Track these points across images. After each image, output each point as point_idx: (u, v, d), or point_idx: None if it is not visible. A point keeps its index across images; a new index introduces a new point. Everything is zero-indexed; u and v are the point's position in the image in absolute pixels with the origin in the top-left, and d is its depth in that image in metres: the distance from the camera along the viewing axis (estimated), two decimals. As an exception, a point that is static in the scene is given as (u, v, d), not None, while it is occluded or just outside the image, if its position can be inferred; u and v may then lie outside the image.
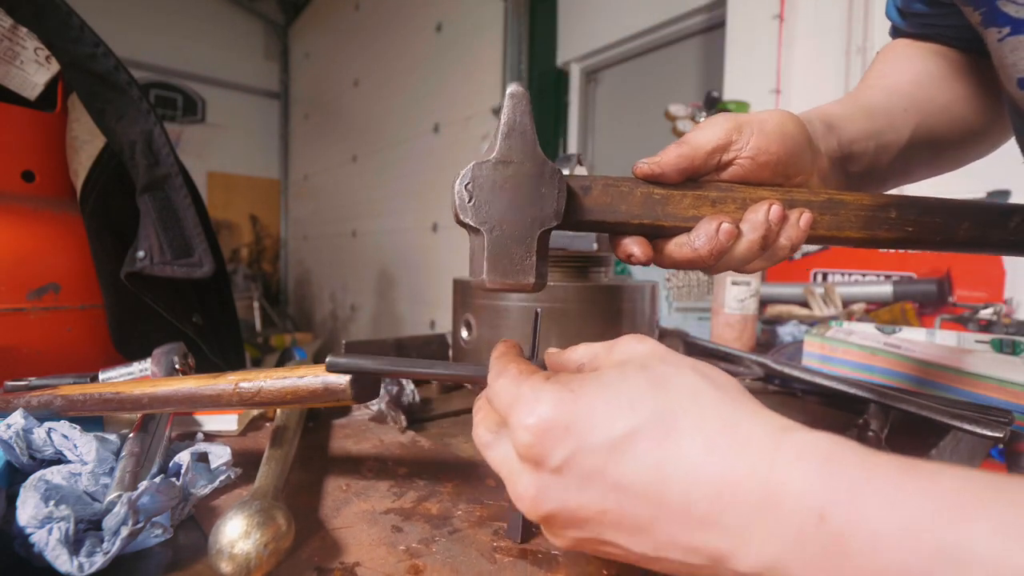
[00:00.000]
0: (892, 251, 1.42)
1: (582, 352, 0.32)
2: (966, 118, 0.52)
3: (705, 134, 0.37)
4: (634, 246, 0.38)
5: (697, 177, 0.38)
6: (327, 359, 0.37)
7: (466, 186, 0.34)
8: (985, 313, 1.23)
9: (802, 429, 0.22)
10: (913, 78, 0.52)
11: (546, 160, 0.35)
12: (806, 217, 0.38)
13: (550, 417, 0.25)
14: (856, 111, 0.47)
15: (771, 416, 0.23)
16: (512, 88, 0.34)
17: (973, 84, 0.53)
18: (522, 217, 0.34)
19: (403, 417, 0.56)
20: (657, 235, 0.38)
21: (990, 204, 0.42)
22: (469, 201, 0.34)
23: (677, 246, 0.37)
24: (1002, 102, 0.53)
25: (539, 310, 0.35)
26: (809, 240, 0.40)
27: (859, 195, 0.40)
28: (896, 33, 0.58)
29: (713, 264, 0.38)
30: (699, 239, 0.36)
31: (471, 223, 0.34)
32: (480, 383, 0.33)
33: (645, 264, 0.39)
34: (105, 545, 0.29)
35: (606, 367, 0.28)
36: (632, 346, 0.29)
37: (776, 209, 0.37)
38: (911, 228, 0.40)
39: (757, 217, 0.37)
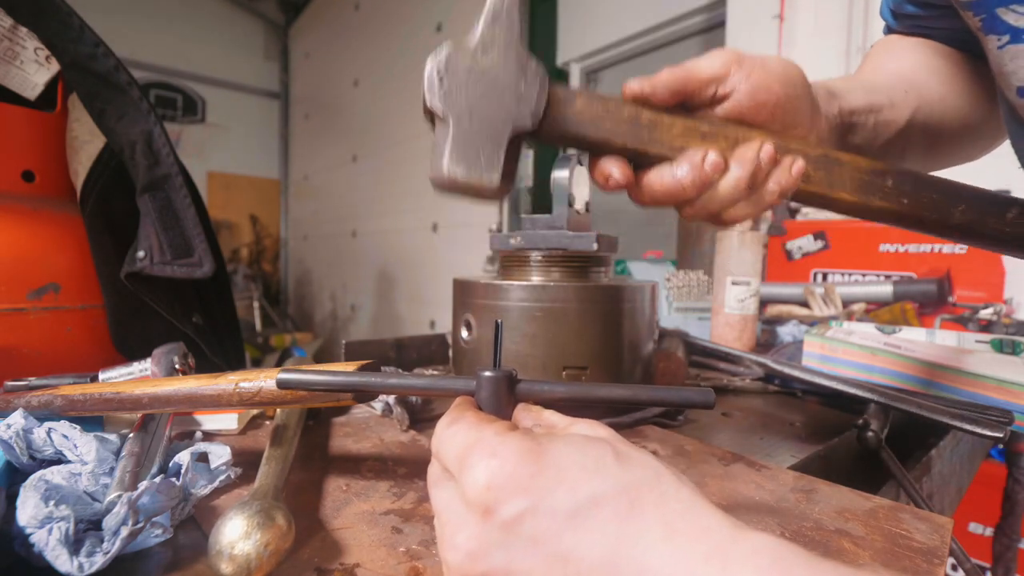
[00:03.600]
0: (891, 244, 1.42)
1: (535, 416, 0.31)
2: (962, 110, 0.52)
3: (704, 61, 0.36)
4: (613, 167, 0.35)
5: (690, 106, 0.36)
6: (278, 376, 0.34)
7: (438, 70, 0.31)
8: (985, 313, 1.23)
9: (754, 529, 0.21)
10: (912, 66, 0.52)
11: (530, 56, 0.32)
12: (799, 164, 0.36)
13: (514, 464, 0.23)
14: (857, 86, 0.46)
15: (724, 513, 0.22)
16: None
17: (968, 80, 0.53)
18: (496, 111, 0.31)
19: (407, 416, 0.56)
20: (640, 162, 0.36)
21: (990, 192, 0.41)
22: (440, 86, 0.31)
23: (658, 175, 0.35)
24: (994, 103, 0.52)
25: (499, 321, 0.32)
26: (799, 197, 0.38)
27: (856, 157, 0.38)
28: (889, 32, 0.58)
29: (694, 197, 0.35)
30: (682, 168, 0.34)
31: (438, 109, 0.31)
32: (455, 396, 0.32)
33: (622, 187, 0.36)
34: (105, 545, 0.29)
35: (570, 433, 0.26)
36: (593, 426, 0.28)
37: (768, 148, 0.35)
38: (906, 200, 0.38)
39: (747, 153, 0.35)
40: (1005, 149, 0.58)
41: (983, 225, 0.40)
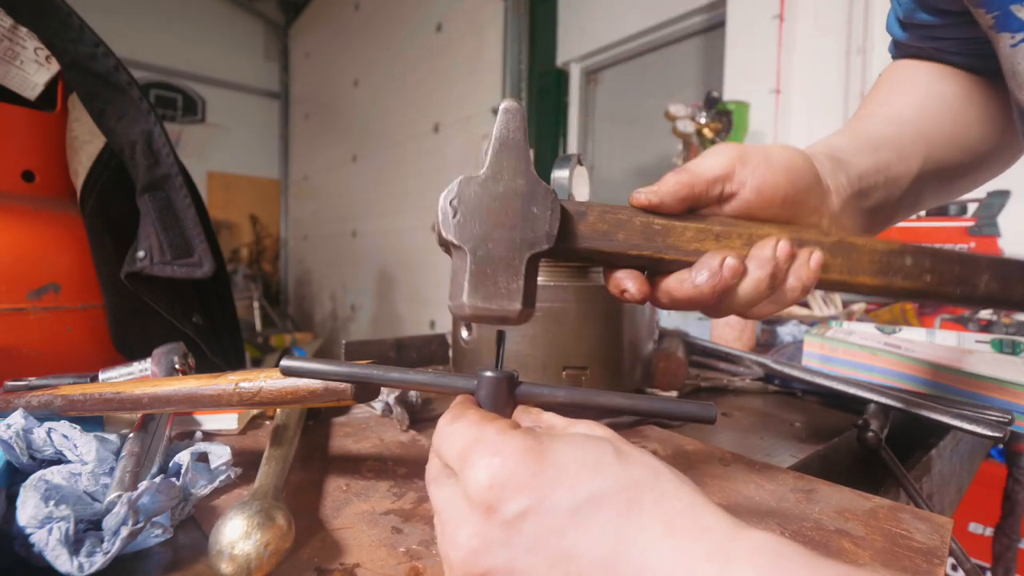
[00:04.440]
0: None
1: (535, 418, 0.31)
2: (974, 145, 0.50)
3: (707, 162, 0.35)
4: (628, 281, 0.35)
5: (698, 208, 0.36)
6: (281, 364, 0.34)
7: (451, 201, 0.32)
8: (985, 313, 1.23)
9: (753, 528, 0.21)
10: (918, 104, 0.50)
11: (539, 179, 0.32)
12: (816, 256, 0.35)
13: (516, 462, 0.23)
14: (862, 143, 0.45)
15: (724, 512, 0.22)
16: (506, 103, 0.33)
17: (980, 108, 0.51)
18: (510, 238, 0.32)
19: (407, 416, 0.56)
20: (656, 269, 0.36)
21: (1011, 259, 0.40)
22: (454, 217, 0.31)
23: (677, 282, 0.35)
24: (1009, 125, 0.51)
25: (503, 331, 0.32)
26: (821, 285, 0.37)
27: (871, 240, 0.38)
28: (896, 50, 0.56)
29: (716, 304, 0.35)
30: (701, 275, 0.34)
31: (454, 240, 0.31)
32: (458, 394, 0.32)
33: (640, 303, 0.36)
34: (105, 545, 0.29)
35: (571, 432, 0.26)
36: (593, 426, 0.28)
37: (784, 245, 0.34)
38: (928, 277, 0.38)
39: (764, 253, 0.34)
40: (1005, 149, 0.58)
41: (1011, 292, 0.39)
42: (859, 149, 0.44)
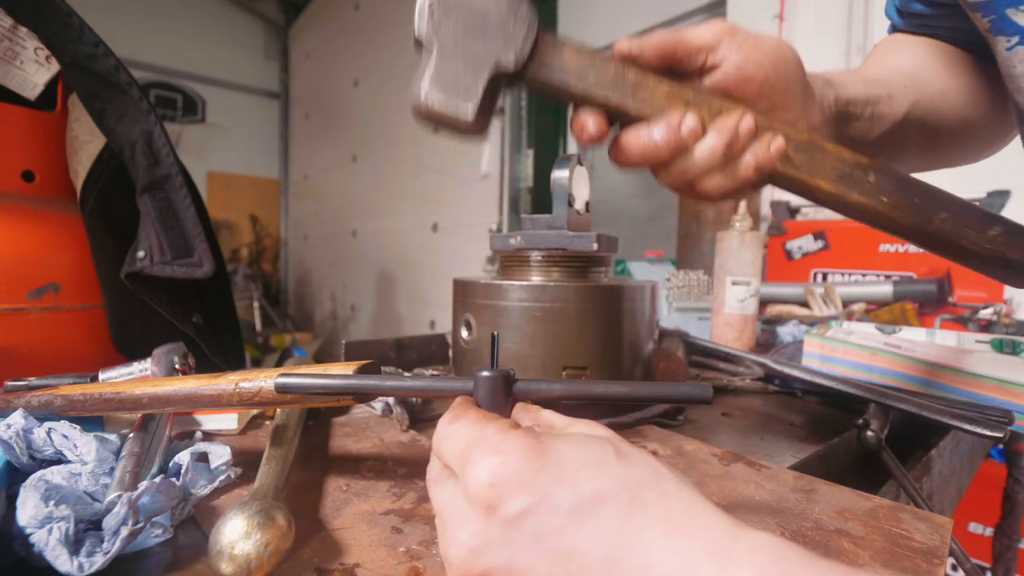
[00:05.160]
0: (891, 244, 1.42)
1: (534, 416, 0.31)
2: (962, 107, 0.51)
3: (697, 29, 0.35)
4: (590, 118, 0.35)
5: (678, 72, 0.36)
6: (276, 380, 0.34)
7: (431, 2, 0.31)
8: (985, 313, 1.23)
9: (754, 528, 0.21)
10: (913, 61, 0.51)
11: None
12: (779, 142, 0.35)
13: (517, 461, 0.23)
14: (855, 78, 0.46)
15: (724, 512, 0.22)
16: None
17: (971, 78, 0.52)
18: (481, 46, 0.31)
19: (407, 416, 0.56)
20: (621, 120, 0.36)
21: (975, 207, 0.40)
22: (430, 15, 0.31)
23: (635, 133, 0.35)
24: (1001, 102, 0.52)
25: (495, 334, 0.33)
26: (777, 179, 0.37)
27: (840, 148, 0.37)
28: (894, 32, 0.58)
29: (668, 160, 0.35)
30: (659, 129, 0.34)
31: (424, 36, 0.31)
32: (455, 396, 0.32)
33: (595, 140, 0.36)
34: (105, 545, 0.29)
35: (571, 432, 0.26)
36: (593, 426, 0.28)
37: (748, 120, 0.34)
38: (886, 199, 0.37)
39: (726, 122, 0.34)
40: (1008, 150, 0.58)
41: (962, 237, 0.39)
42: (851, 80, 0.45)
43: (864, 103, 0.44)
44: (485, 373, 0.31)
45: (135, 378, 0.52)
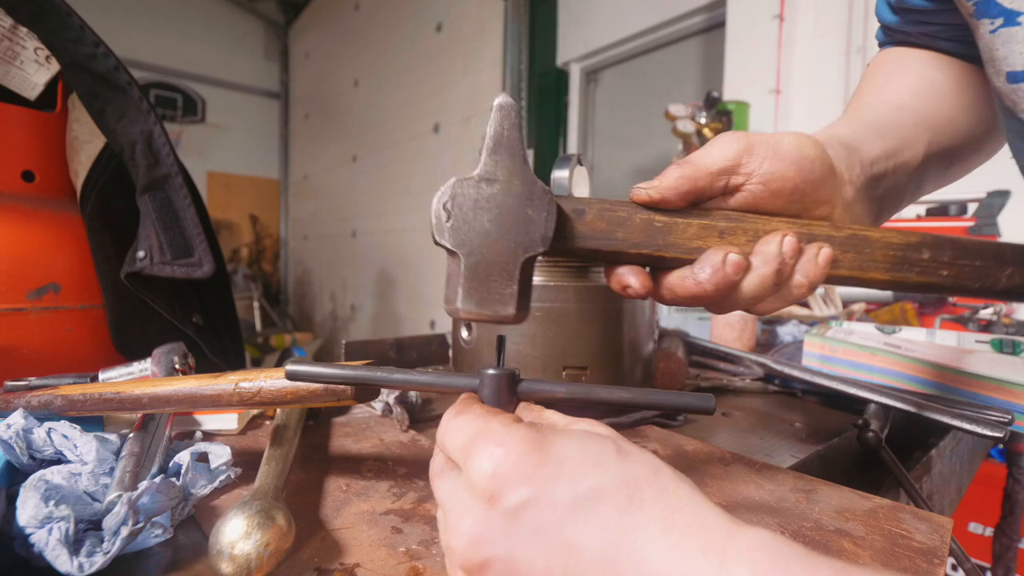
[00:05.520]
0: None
1: (536, 415, 0.31)
2: (970, 128, 0.50)
3: (711, 154, 0.34)
4: (631, 277, 0.34)
5: (702, 202, 0.35)
6: (286, 368, 0.34)
7: (444, 205, 0.31)
8: (985, 313, 1.23)
9: (751, 525, 0.22)
10: (913, 90, 0.50)
11: (536, 179, 0.31)
12: (825, 252, 0.34)
13: (519, 454, 0.23)
14: (868, 131, 0.44)
15: (721, 510, 0.22)
16: (500, 99, 0.31)
17: (971, 93, 0.51)
18: (505, 241, 0.31)
19: (407, 416, 0.56)
20: (658, 267, 0.35)
21: None
22: (447, 220, 0.30)
23: (679, 279, 0.34)
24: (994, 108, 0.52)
25: (502, 336, 0.32)
26: (830, 280, 0.36)
27: (886, 232, 0.36)
28: (885, 36, 0.57)
29: (719, 300, 0.34)
30: (704, 271, 0.33)
31: (448, 245, 0.31)
32: (459, 393, 0.32)
33: (643, 298, 0.35)
34: (105, 545, 0.29)
35: (573, 429, 0.27)
36: (594, 424, 0.28)
37: (791, 241, 0.33)
38: (945, 272, 0.36)
39: (769, 249, 0.33)
40: (1006, 148, 0.58)
41: None
42: (866, 136, 0.43)
43: (886, 159, 0.43)
44: (491, 371, 0.31)
45: (135, 378, 0.52)
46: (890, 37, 0.56)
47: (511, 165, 0.31)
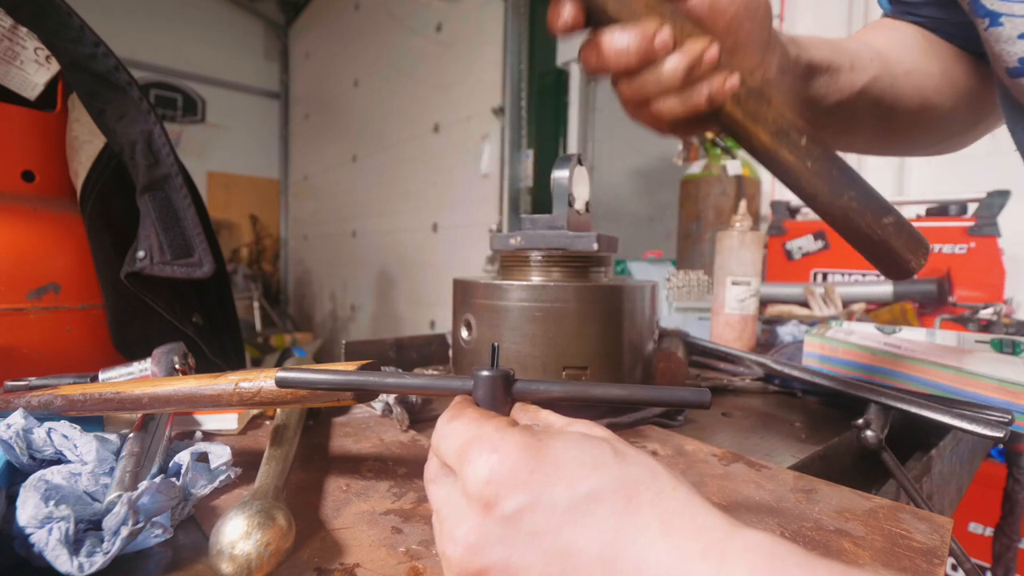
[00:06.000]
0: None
1: (532, 416, 0.31)
2: (926, 91, 0.52)
3: None
4: (568, 5, 0.36)
5: None
6: (277, 375, 0.35)
7: None
8: (985, 313, 1.23)
9: (750, 527, 0.22)
10: (888, 39, 0.53)
11: None
12: (733, 79, 0.37)
13: (514, 459, 0.23)
14: (823, 44, 0.47)
15: (720, 511, 0.23)
16: None
17: (943, 64, 0.53)
18: None
19: (407, 416, 0.56)
20: (596, 18, 0.37)
21: (879, 194, 0.43)
22: None
23: (610, 35, 0.36)
24: (974, 93, 0.54)
25: (495, 345, 0.33)
26: (723, 119, 0.39)
27: (785, 106, 0.40)
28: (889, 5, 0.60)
29: (634, 69, 0.36)
30: (634, 35, 0.35)
31: None
32: (453, 396, 0.32)
33: (569, 31, 0.37)
34: (105, 545, 0.29)
35: (569, 431, 0.27)
36: (591, 426, 0.28)
37: (714, 49, 0.36)
38: (810, 164, 0.40)
39: (694, 47, 0.36)
40: (1008, 149, 0.58)
41: (862, 217, 0.42)
42: (818, 44, 0.46)
43: (825, 67, 0.46)
44: (485, 372, 0.31)
45: (135, 378, 0.52)
46: (896, 8, 0.59)
47: None
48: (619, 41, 0.36)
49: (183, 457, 0.38)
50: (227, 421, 0.51)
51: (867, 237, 0.43)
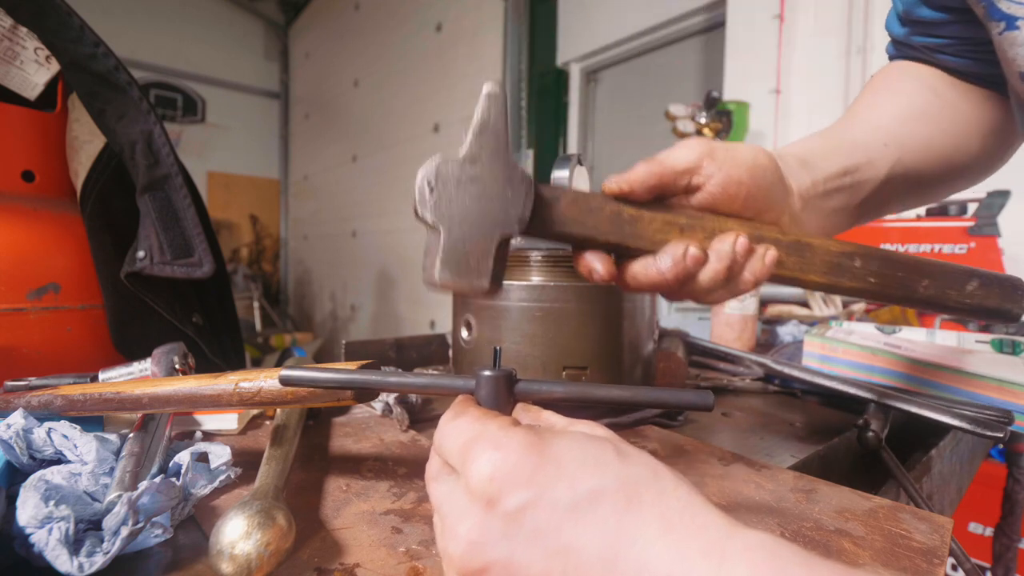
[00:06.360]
0: (891, 244, 1.42)
1: (534, 416, 0.31)
2: (948, 154, 0.52)
3: (677, 154, 0.37)
4: (596, 262, 0.37)
5: (666, 198, 0.38)
6: (280, 373, 0.35)
7: (428, 180, 0.33)
8: (985, 313, 1.23)
9: (750, 527, 0.22)
10: (898, 112, 0.52)
11: (517, 165, 0.33)
12: (771, 254, 0.38)
13: (517, 457, 0.23)
14: (835, 146, 0.47)
15: (720, 511, 0.23)
16: (488, 87, 0.33)
17: (961, 116, 0.52)
18: (484, 219, 0.33)
19: (407, 416, 0.56)
20: (623, 255, 0.38)
21: (952, 266, 0.43)
22: (430, 196, 0.32)
23: (643, 267, 0.37)
24: (993, 133, 0.53)
25: (498, 348, 0.33)
26: (773, 279, 0.40)
27: (826, 241, 0.40)
28: (895, 50, 0.57)
29: (676, 289, 0.37)
30: (665, 262, 0.36)
31: (428, 219, 0.33)
32: (455, 395, 0.32)
33: (607, 282, 0.38)
34: (105, 545, 0.29)
35: (571, 431, 0.27)
36: (593, 426, 0.28)
37: (743, 241, 0.37)
38: (873, 280, 0.41)
39: (724, 247, 0.37)
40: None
41: (946, 297, 0.43)
42: (830, 152, 0.46)
43: (842, 175, 0.46)
44: (487, 372, 0.31)
45: (135, 378, 0.52)
46: (899, 51, 0.57)
47: (495, 148, 0.33)
48: (652, 273, 0.36)
49: (183, 457, 0.38)
50: (227, 421, 0.51)
51: (960, 307, 0.43)
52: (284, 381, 0.34)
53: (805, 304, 1.34)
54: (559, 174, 0.58)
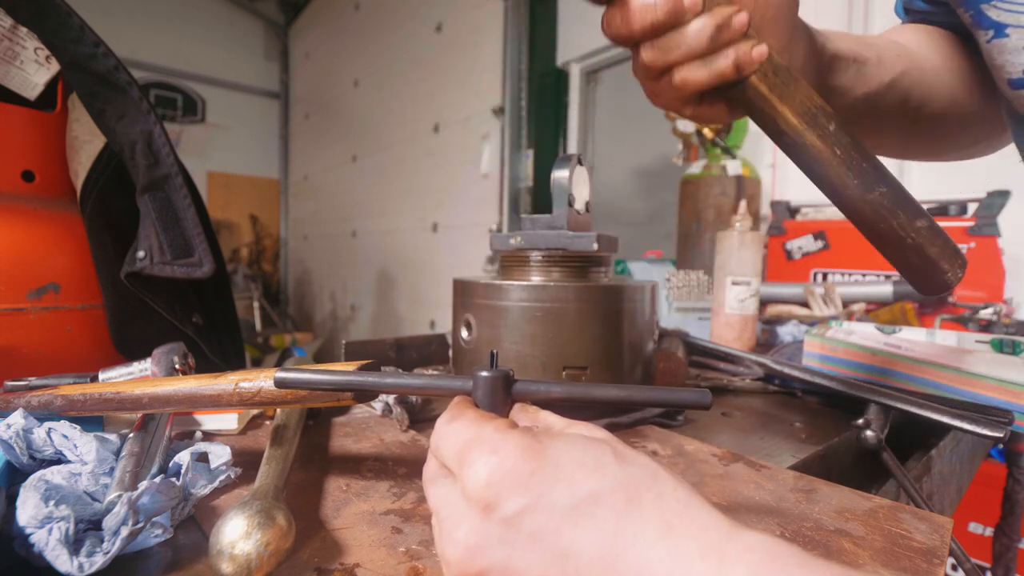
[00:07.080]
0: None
1: (532, 417, 0.31)
2: (954, 88, 0.51)
3: None
4: None
5: None
6: (276, 375, 0.34)
7: None
8: (985, 313, 1.23)
9: (750, 528, 0.22)
10: (914, 39, 0.52)
11: None
12: (762, 47, 0.36)
13: (514, 460, 0.23)
14: (849, 37, 0.46)
15: (720, 512, 0.23)
16: None
17: (970, 63, 0.53)
18: None
19: (407, 416, 0.56)
20: None
21: (911, 196, 0.41)
22: None
23: None
24: (989, 100, 0.53)
25: (494, 352, 0.33)
26: (750, 94, 0.38)
27: (814, 90, 0.38)
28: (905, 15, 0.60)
29: (662, 27, 0.35)
30: None
31: None
32: (453, 396, 0.32)
33: (601, 3, 0.36)
34: (105, 545, 0.29)
35: (569, 433, 0.27)
36: (591, 428, 0.28)
37: (744, 15, 0.35)
38: (839, 151, 0.38)
39: (724, 10, 0.35)
40: (1008, 149, 0.58)
41: (894, 217, 0.39)
42: (844, 36, 0.46)
43: (851, 59, 0.45)
44: (484, 373, 0.31)
45: (135, 378, 0.52)
46: (911, 18, 0.59)
47: None
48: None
49: (183, 457, 0.38)
50: (227, 421, 0.51)
51: (900, 240, 0.40)
52: (279, 383, 0.34)
53: (805, 304, 1.34)
54: (559, 174, 0.58)
